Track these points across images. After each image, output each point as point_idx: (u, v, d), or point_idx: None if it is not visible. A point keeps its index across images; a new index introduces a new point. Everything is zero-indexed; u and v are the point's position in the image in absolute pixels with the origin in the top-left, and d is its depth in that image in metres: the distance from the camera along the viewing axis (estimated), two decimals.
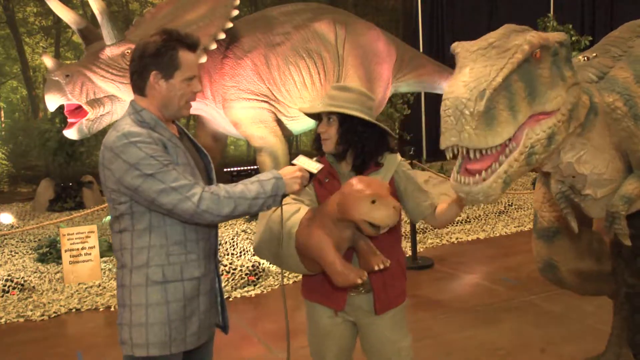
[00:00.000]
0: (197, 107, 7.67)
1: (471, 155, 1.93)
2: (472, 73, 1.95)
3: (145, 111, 1.96)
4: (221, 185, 1.91)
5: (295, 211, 2.18)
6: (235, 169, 11.13)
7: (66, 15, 6.67)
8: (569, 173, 2.45)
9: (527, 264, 5.62)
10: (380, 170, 2.31)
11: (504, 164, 1.96)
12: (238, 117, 7.39)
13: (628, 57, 2.64)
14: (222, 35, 6.66)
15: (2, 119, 10.10)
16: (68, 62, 9.26)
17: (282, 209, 2.12)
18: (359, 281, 2.02)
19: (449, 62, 13.17)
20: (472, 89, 1.89)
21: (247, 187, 1.91)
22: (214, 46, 6.60)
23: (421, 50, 10.96)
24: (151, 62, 1.94)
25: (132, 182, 1.84)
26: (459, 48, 2.14)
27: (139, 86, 1.98)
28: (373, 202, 1.98)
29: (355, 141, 2.25)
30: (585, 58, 2.69)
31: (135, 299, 1.93)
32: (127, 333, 1.95)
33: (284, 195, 2.00)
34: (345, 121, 2.25)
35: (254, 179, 1.95)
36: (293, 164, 2.08)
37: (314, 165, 2.07)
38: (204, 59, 6.54)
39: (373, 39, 8.11)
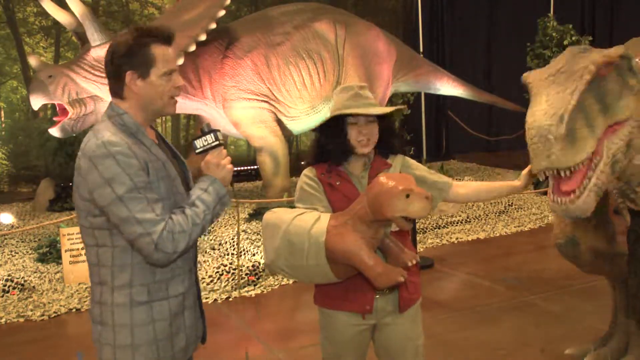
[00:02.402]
0: (197, 107, 7.69)
1: (562, 174, 2.09)
2: (549, 100, 2.12)
3: (126, 115, 1.87)
4: (174, 216, 1.80)
5: (315, 220, 2.13)
6: (235, 169, 11.10)
7: (60, 16, 6.71)
8: (632, 172, 2.54)
9: (527, 264, 5.63)
10: (390, 169, 2.34)
11: (593, 178, 2.13)
12: (238, 117, 7.40)
13: None
14: (203, 37, 6.66)
15: (2, 119, 10.11)
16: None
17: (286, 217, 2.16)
18: (402, 279, 2.03)
19: (449, 62, 13.23)
20: (551, 115, 2.06)
21: (194, 212, 1.83)
22: (193, 48, 6.62)
23: (421, 50, 10.96)
24: (124, 62, 1.84)
25: (101, 199, 1.76)
26: (530, 78, 2.33)
27: (116, 89, 1.89)
28: (407, 196, 1.99)
29: (392, 136, 2.33)
30: None
31: (118, 319, 1.84)
32: (111, 354, 1.87)
33: (232, 184, 1.99)
34: (383, 120, 2.29)
35: (194, 196, 1.87)
36: (198, 153, 1.95)
37: (211, 139, 1.95)
38: (181, 61, 6.56)
39: (373, 39, 8.12)
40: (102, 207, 1.76)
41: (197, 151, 1.95)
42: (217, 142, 1.95)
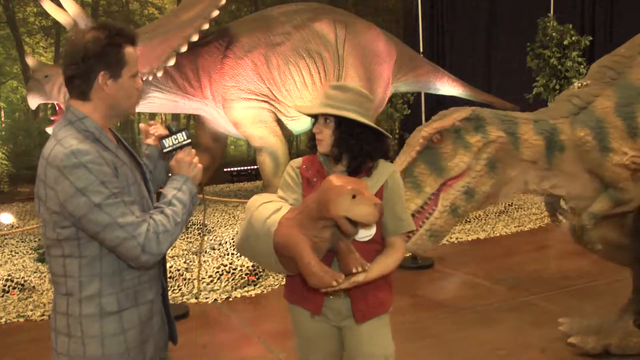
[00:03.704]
0: (197, 107, 7.69)
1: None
2: None
3: (87, 119, 1.80)
4: (155, 217, 1.77)
5: (276, 210, 2.15)
6: (235, 169, 11.12)
7: (60, 16, 6.73)
8: (548, 195, 3.11)
9: (527, 264, 5.63)
10: (372, 177, 2.23)
11: (426, 224, 2.74)
12: (238, 117, 7.40)
13: (619, 82, 3.03)
14: (196, 37, 6.69)
15: (2, 119, 10.11)
16: None
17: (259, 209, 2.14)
18: (334, 284, 1.97)
19: (449, 62, 13.22)
20: None
21: (173, 211, 1.80)
22: (184, 48, 6.64)
23: (421, 50, 10.95)
24: (98, 62, 1.77)
25: (77, 209, 1.69)
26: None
27: (82, 90, 1.81)
28: (353, 197, 1.94)
29: (352, 144, 2.18)
30: (580, 84, 3.12)
31: (87, 331, 1.80)
32: None
33: (200, 184, 1.96)
34: (343, 123, 2.18)
35: (170, 195, 1.84)
36: (166, 152, 1.93)
37: (182, 137, 1.93)
38: (172, 61, 6.58)
39: (373, 39, 8.12)
40: (79, 217, 1.70)
41: (165, 150, 1.91)
42: (188, 141, 1.92)
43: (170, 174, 1.95)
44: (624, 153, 2.92)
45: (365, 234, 2.17)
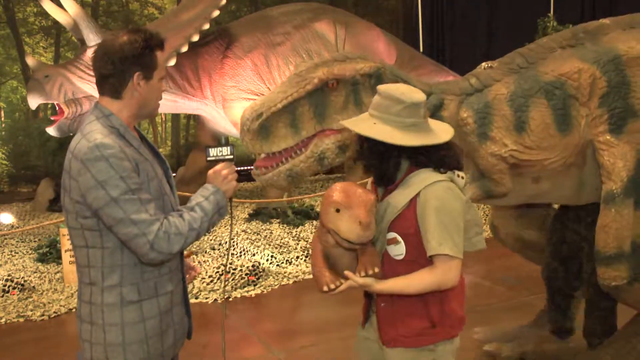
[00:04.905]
0: (197, 107, 7.69)
1: (255, 156, 2.59)
2: (266, 96, 2.54)
3: (113, 116, 1.89)
4: (171, 218, 1.84)
5: None
6: (236, 169, 11.11)
7: (60, 16, 6.75)
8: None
9: (527, 264, 5.60)
10: (402, 188, 2.02)
11: (287, 164, 2.53)
12: (238, 117, 7.40)
13: (525, 72, 2.86)
14: (196, 37, 6.70)
15: (2, 119, 10.10)
16: None
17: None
18: (325, 288, 1.94)
19: (449, 62, 13.21)
20: (254, 110, 2.48)
21: (192, 216, 1.88)
22: (185, 48, 6.65)
23: (421, 50, 10.96)
24: (134, 63, 1.88)
25: (95, 201, 1.78)
26: (297, 69, 2.63)
27: (115, 89, 1.90)
28: (337, 210, 1.88)
29: (360, 153, 2.09)
30: (487, 66, 3.03)
31: (109, 319, 1.89)
32: (102, 353, 1.91)
33: (230, 199, 2.04)
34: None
35: (194, 202, 1.93)
36: (209, 161, 2.09)
37: (226, 152, 2.08)
38: (173, 62, 6.59)
39: (373, 39, 8.13)
40: (96, 209, 1.79)
41: (209, 159, 2.06)
42: (231, 157, 2.07)
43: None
44: (504, 145, 2.73)
45: (396, 251, 2.03)
